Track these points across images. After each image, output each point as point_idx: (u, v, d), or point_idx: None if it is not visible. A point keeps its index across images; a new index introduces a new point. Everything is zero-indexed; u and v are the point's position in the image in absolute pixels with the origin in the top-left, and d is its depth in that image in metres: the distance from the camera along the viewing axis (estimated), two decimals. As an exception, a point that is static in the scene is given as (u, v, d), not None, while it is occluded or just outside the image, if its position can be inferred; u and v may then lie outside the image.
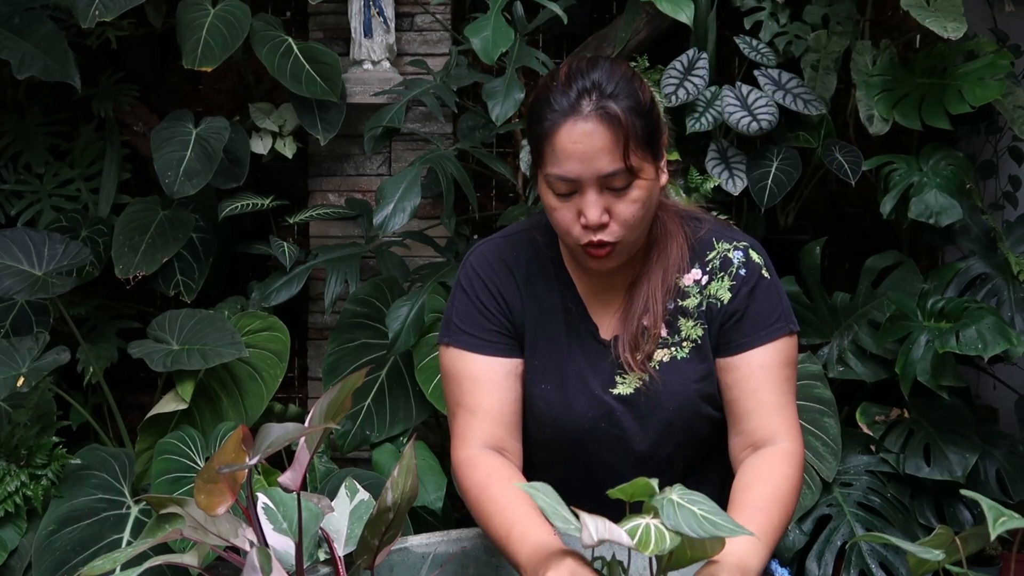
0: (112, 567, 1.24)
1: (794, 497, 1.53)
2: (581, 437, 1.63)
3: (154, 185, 3.46)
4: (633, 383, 1.61)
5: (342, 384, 1.27)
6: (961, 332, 2.81)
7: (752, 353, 1.60)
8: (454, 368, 1.64)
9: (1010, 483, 3.00)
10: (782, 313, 1.62)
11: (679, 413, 1.61)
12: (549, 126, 1.50)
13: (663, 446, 1.63)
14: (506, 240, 1.70)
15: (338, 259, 3.14)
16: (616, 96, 1.49)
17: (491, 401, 1.61)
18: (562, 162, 1.49)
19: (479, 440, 1.59)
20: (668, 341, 1.62)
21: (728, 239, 1.65)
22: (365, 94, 3.36)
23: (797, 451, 1.57)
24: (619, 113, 1.48)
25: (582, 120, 1.48)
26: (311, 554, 1.39)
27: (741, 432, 1.60)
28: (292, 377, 3.66)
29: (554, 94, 1.51)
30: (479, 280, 1.66)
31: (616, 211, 1.51)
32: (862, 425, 3.02)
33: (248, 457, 1.20)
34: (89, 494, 2.84)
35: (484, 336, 1.63)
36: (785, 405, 1.60)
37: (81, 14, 3.02)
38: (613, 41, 3.27)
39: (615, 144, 1.48)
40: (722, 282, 1.62)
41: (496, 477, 1.54)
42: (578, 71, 1.52)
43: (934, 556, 1.22)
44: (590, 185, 1.49)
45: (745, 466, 1.56)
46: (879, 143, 3.30)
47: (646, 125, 1.51)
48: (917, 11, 2.94)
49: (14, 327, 3.25)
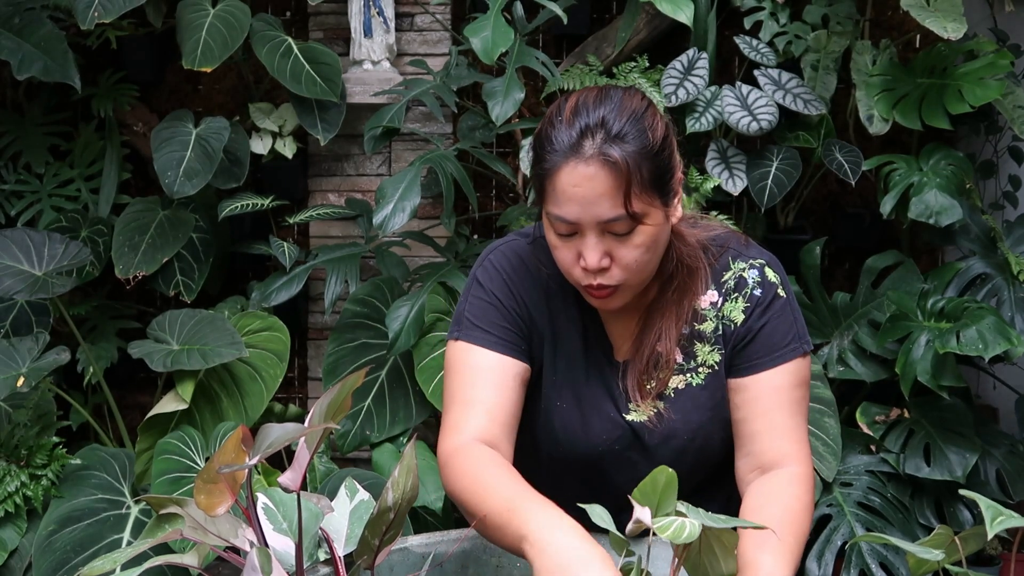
0: (112, 567, 1.24)
1: (807, 519, 1.45)
2: (595, 459, 1.59)
3: (154, 185, 3.46)
4: (645, 412, 1.57)
5: (342, 384, 1.27)
6: (961, 332, 2.81)
7: (764, 375, 1.53)
8: (459, 362, 1.55)
9: (1010, 483, 3.00)
10: (796, 334, 1.55)
11: (692, 442, 1.57)
12: (549, 166, 1.42)
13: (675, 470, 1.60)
14: (529, 244, 1.62)
15: (338, 259, 3.14)
16: (622, 138, 1.40)
17: (492, 397, 1.52)
18: (562, 204, 1.42)
19: (472, 433, 1.48)
20: (684, 367, 1.57)
21: (745, 258, 1.58)
22: (365, 94, 3.36)
23: (807, 474, 1.50)
24: (620, 160, 1.38)
25: (583, 163, 1.39)
26: (311, 554, 1.38)
27: (749, 454, 1.53)
28: (292, 377, 3.66)
29: (557, 131, 1.43)
30: (499, 278, 1.59)
31: (618, 255, 1.44)
32: (862, 425, 3.02)
33: (248, 457, 1.20)
34: (89, 494, 2.84)
35: (497, 333, 1.55)
36: (795, 428, 1.53)
37: (81, 15, 3.02)
38: (613, 41, 3.27)
39: (616, 190, 1.39)
40: (736, 303, 1.56)
41: (494, 463, 1.43)
42: (584, 106, 1.43)
43: (934, 556, 1.22)
44: (590, 229, 1.42)
45: (753, 488, 1.50)
46: (879, 143, 3.30)
47: (654, 168, 1.42)
48: (917, 11, 2.95)
49: (14, 327, 3.25)
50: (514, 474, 1.41)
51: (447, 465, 1.48)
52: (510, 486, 1.37)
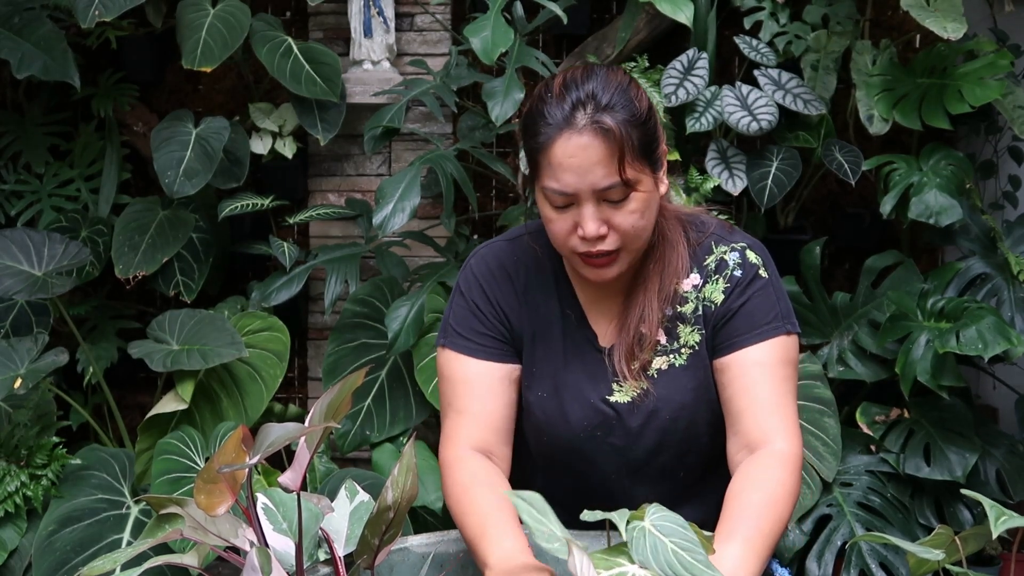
0: (112, 567, 1.24)
1: (788, 501, 1.46)
2: (578, 445, 1.62)
3: (154, 185, 3.46)
4: (630, 391, 1.59)
5: (342, 384, 1.27)
6: (961, 332, 2.81)
7: (746, 351, 1.55)
8: (448, 370, 1.64)
9: (1010, 483, 3.00)
10: (780, 312, 1.58)
11: (675, 422, 1.59)
12: (544, 139, 1.48)
13: (659, 455, 1.61)
14: (508, 244, 1.69)
15: (338, 259, 3.14)
16: (612, 108, 1.47)
17: (481, 405, 1.60)
18: (558, 176, 1.47)
19: (467, 442, 1.58)
20: (667, 348, 1.60)
21: (727, 242, 1.62)
22: (365, 94, 3.36)
23: (792, 452, 1.51)
24: (614, 127, 1.45)
25: (576, 134, 1.46)
26: (311, 554, 1.38)
27: (736, 433, 1.55)
28: (292, 377, 3.66)
29: (548, 106, 1.49)
30: (477, 285, 1.65)
31: (614, 222, 1.49)
32: (862, 425, 3.02)
33: (248, 457, 1.20)
34: (89, 494, 2.84)
35: (479, 341, 1.62)
36: (781, 404, 1.53)
37: (81, 14, 3.02)
38: (613, 41, 3.27)
39: (610, 158, 1.45)
40: (716, 284, 1.59)
41: (479, 480, 1.53)
42: (572, 81, 1.50)
43: (934, 556, 1.22)
44: (587, 198, 1.48)
45: (739, 472, 1.51)
46: (879, 143, 3.30)
47: (643, 136, 1.49)
48: (917, 11, 2.94)
49: (14, 327, 3.25)
50: (496, 494, 1.49)
51: (443, 475, 1.58)
52: (488, 511, 1.47)
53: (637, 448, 1.61)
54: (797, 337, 1.60)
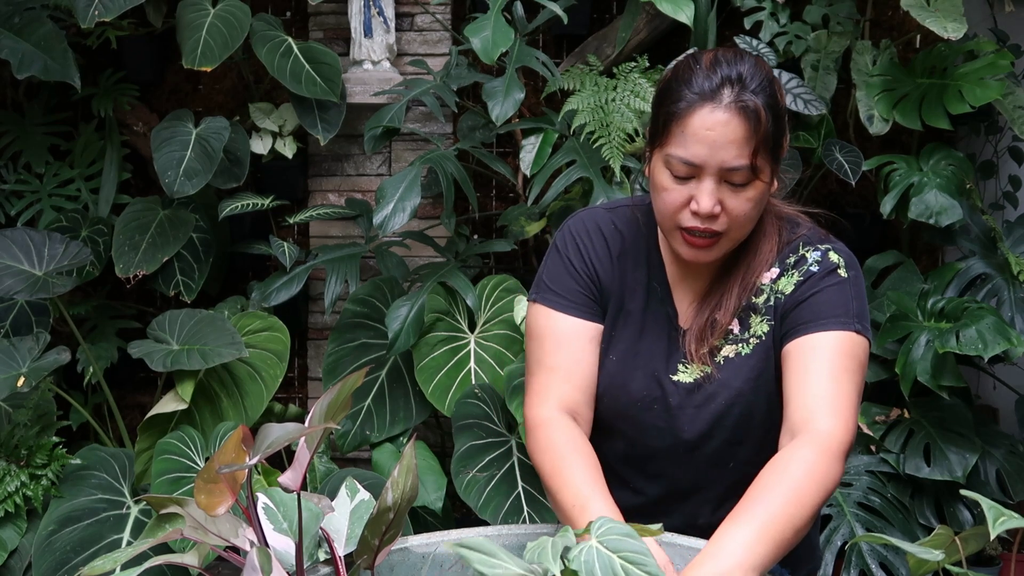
0: (112, 567, 1.24)
1: (815, 488, 1.38)
2: (633, 413, 1.63)
3: (154, 185, 3.46)
4: (694, 373, 1.61)
5: (342, 384, 1.27)
6: (961, 332, 2.81)
7: (806, 337, 1.52)
8: (538, 326, 1.65)
9: (1010, 483, 3.00)
10: (851, 311, 1.53)
11: (729, 408, 1.59)
12: (684, 107, 1.48)
13: (712, 439, 1.61)
14: (608, 212, 1.71)
15: (338, 259, 3.14)
16: (757, 93, 1.48)
17: (571, 363, 1.61)
18: (689, 145, 1.48)
19: (556, 401, 1.60)
20: (738, 337, 1.60)
21: (814, 244, 1.62)
22: (365, 94, 3.36)
23: (831, 433, 1.43)
24: (759, 108, 1.47)
25: (720, 109, 1.47)
26: (311, 554, 1.38)
27: (785, 419, 1.50)
28: (292, 377, 3.66)
29: (696, 75, 1.50)
30: (574, 243, 1.67)
31: (728, 205, 1.50)
32: (862, 425, 3.02)
33: (248, 457, 1.20)
34: (89, 494, 2.84)
35: (571, 297, 1.64)
36: (833, 391, 1.46)
37: (81, 14, 3.02)
38: (613, 41, 3.27)
39: (747, 139, 1.47)
40: (792, 278, 1.59)
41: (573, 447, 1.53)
42: (724, 59, 1.51)
43: (934, 556, 1.22)
44: (710, 174, 1.49)
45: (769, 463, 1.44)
46: (879, 143, 3.30)
47: (776, 129, 1.51)
48: (917, 11, 2.94)
49: (14, 327, 3.25)
50: (589, 465, 1.51)
51: (533, 435, 1.59)
52: (583, 482, 1.48)
53: (689, 429, 1.61)
54: (867, 342, 1.55)
